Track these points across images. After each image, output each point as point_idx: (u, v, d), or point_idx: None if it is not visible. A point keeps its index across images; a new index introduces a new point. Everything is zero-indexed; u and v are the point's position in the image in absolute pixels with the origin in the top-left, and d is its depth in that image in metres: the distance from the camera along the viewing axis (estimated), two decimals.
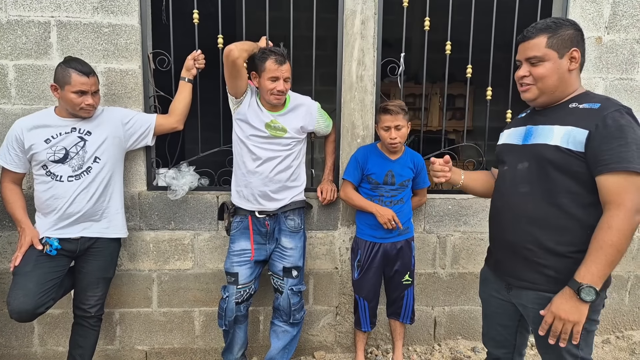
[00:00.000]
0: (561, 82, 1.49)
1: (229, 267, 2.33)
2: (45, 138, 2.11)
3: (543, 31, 1.48)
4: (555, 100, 1.54)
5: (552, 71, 1.48)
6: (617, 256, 1.34)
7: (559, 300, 1.40)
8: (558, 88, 1.50)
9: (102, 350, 2.64)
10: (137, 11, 2.42)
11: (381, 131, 2.33)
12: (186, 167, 2.54)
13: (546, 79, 1.49)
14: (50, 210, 2.14)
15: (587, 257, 1.36)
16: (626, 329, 2.98)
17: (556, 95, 1.52)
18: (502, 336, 1.76)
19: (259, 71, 2.20)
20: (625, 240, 1.33)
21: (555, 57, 1.47)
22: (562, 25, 1.48)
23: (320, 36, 2.71)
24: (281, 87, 2.18)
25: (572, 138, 1.41)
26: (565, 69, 1.48)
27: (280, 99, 2.24)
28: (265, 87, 2.20)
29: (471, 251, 2.78)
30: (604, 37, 2.68)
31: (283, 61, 2.17)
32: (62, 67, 2.07)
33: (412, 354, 2.76)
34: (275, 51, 2.18)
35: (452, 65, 2.71)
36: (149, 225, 2.58)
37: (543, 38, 1.48)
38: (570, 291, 1.37)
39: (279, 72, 2.16)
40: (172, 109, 2.45)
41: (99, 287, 2.28)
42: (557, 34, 1.46)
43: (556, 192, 1.46)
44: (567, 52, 1.47)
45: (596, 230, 1.37)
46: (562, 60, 1.47)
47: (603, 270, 1.34)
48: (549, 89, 1.51)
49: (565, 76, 1.49)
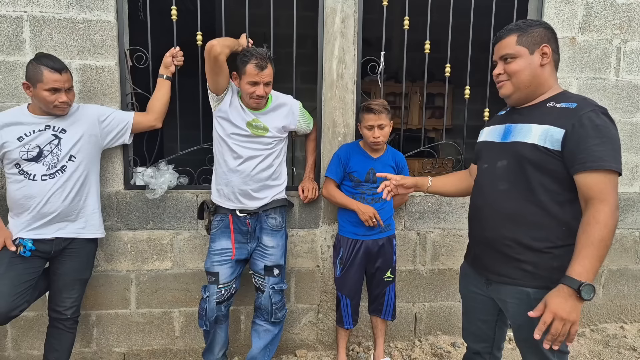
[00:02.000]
0: (534, 77, 1.54)
1: (210, 266, 2.30)
2: (18, 136, 2.05)
3: (513, 31, 1.56)
4: (530, 97, 1.58)
5: (523, 66, 1.54)
6: (606, 251, 1.35)
7: (558, 300, 1.35)
8: (532, 83, 1.55)
9: (79, 353, 2.58)
10: (113, 7, 2.37)
11: (364, 130, 2.33)
12: (165, 166, 2.51)
13: (518, 73, 1.55)
14: (23, 210, 2.08)
15: (579, 253, 1.35)
16: (600, 322, 3.06)
17: (530, 90, 1.56)
18: (482, 330, 1.79)
19: (240, 73, 2.17)
20: (611, 235, 1.35)
21: (526, 53, 1.53)
22: (532, 25, 1.55)
23: (300, 34, 2.70)
24: (260, 92, 2.16)
25: (550, 137, 1.45)
26: (537, 64, 1.53)
27: (259, 103, 2.23)
28: (244, 90, 2.18)
29: (451, 248, 2.81)
30: (578, 38, 2.75)
31: (264, 66, 2.13)
32: (33, 64, 2.01)
33: (393, 351, 2.78)
34: (257, 55, 2.13)
35: (431, 65, 2.74)
36: (126, 225, 2.54)
37: (514, 37, 1.55)
38: (570, 290, 1.34)
39: (259, 77, 2.13)
40: (150, 106, 2.42)
41: (75, 289, 2.23)
42: (527, 32, 1.54)
43: (533, 189, 1.49)
44: (538, 49, 1.53)
45: (583, 226, 1.37)
46: (533, 56, 1.53)
47: (596, 265, 1.34)
48: (522, 84, 1.56)
49: (538, 71, 1.54)
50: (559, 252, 1.48)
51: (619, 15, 2.76)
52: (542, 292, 1.49)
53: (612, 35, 2.78)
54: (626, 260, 3.01)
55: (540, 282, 1.49)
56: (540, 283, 1.49)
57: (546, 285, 1.48)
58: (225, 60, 2.13)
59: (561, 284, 1.36)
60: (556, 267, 1.47)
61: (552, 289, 1.44)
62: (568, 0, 2.71)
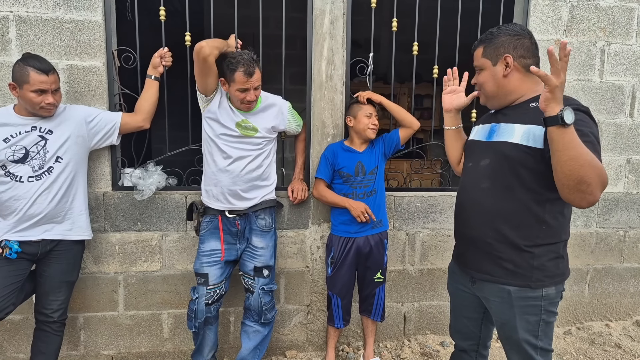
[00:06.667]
0: (498, 88, 1.59)
1: (199, 267, 2.29)
2: (4, 137, 2.03)
3: (482, 42, 1.61)
4: (505, 103, 1.62)
5: (487, 78, 1.60)
6: (578, 162, 1.26)
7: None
8: (497, 93, 1.60)
9: (66, 356, 2.56)
10: (101, 7, 2.36)
11: (364, 118, 2.39)
12: (153, 167, 2.49)
13: (484, 85, 1.62)
14: (9, 212, 2.06)
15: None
16: (586, 320, 3.11)
17: (500, 99, 1.61)
18: (468, 328, 1.81)
19: (228, 80, 2.14)
20: (590, 170, 1.26)
21: (489, 65, 1.59)
22: (497, 34, 1.58)
23: (289, 35, 2.71)
24: (251, 97, 2.16)
25: (532, 135, 1.47)
26: (500, 75, 1.57)
27: (250, 107, 2.23)
28: (235, 96, 2.18)
29: (439, 247, 2.84)
30: (563, 40, 2.78)
31: (252, 72, 2.10)
32: (19, 65, 1.99)
33: (382, 350, 2.80)
34: (244, 61, 2.09)
35: (419, 66, 2.76)
36: (114, 227, 2.52)
37: (480, 49, 1.61)
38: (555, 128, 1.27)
39: (248, 83, 2.12)
40: (138, 107, 2.40)
41: (62, 291, 2.20)
42: (491, 43, 1.58)
43: (514, 188, 1.51)
44: (501, 59, 1.56)
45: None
46: (497, 67, 1.57)
47: (572, 139, 1.26)
48: (489, 94, 1.62)
49: (501, 82, 1.58)
50: (539, 251, 1.50)
51: (602, 18, 2.81)
52: (522, 291, 1.51)
53: (596, 38, 2.83)
54: (611, 259, 3.06)
55: (521, 280, 1.51)
56: (521, 281, 1.51)
57: (526, 283, 1.50)
58: (214, 61, 2.13)
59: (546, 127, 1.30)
60: (536, 266, 1.50)
61: (532, 287, 1.47)
62: (553, 3, 2.75)
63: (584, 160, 1.26)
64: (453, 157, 1.95)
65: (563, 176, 1.29)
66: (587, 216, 3.00)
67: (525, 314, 1.53)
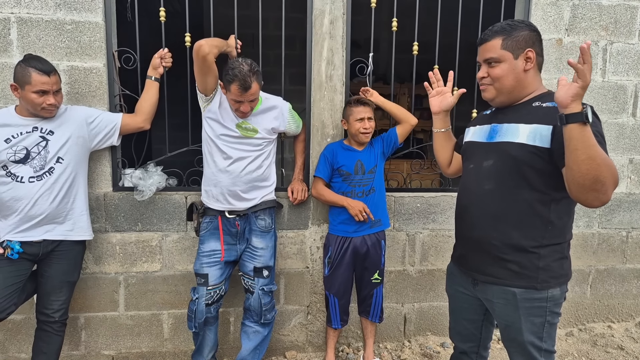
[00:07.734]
0: (517, 82, 1.54)
1: (199, 268, 2.30)
2: (6, 138, 2.04)
3: (498, 33, 1.53)
4: (514, 100, 1.58)
5: (507, 71, 1.53)
6: (595, 161, 1.24)
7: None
8: (515, 88, 1.55)
9: (67, 356, 2.57)
10: (101, 8, 2.37)
11: (355, 123, 2.38)
12: (153, 167, 2.50)
13: (502, 79, 1.54)
14: (10, 213, 2.07)
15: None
16: (588, 322, 3.09)
17: (514, 95, 1.56)
18: (468, 330, 1.80)
19: (225, 88, 2.14)
20: (605, 169, 1.25)
21: (511, 58, 1.52)
22: (517, 27, 1.52)
23: (289, 35, 2.71)
24: (245, 108, 2.15)
25: (539, 135, 1.44)
26: (521, 69, 1.52)
27: (244, 116, 2.22)
28: (230, 104, 2.19)
29: (439, 248, 2.83)
30: (565, 39, 2.78)
31: (248, 87, 2.07)
32: (21, 66, 2.00)
33: (382, 351, 2.79)
34: (241, 75, 2.04)
35: (419, 66, 2.75)
36: (115, 227, 2.53)
37: (498, 40, 1.53)
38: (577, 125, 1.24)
39: (243, 97, 2.10)
40: (139, 108, 2.41)
41: (63, 291, 2.21)
42: (512, 35, 1.51)
43: (519, 188, 1.50)
44: (522, 53, 1.51)
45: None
46: (517, 60, 1.52)
47: (590, 137, 1.24)
48: (506, 89, 1.55)
49: (521, 76, 1.53)
50: (545, 252, 1.48)
51: (604, 17, 2.80)
52: (528, 292, 1.50)
53: (598, 37, 2.81)
54: (613, 260, 3.04)
55: (526, 282, 1.50)
56: (526, 283, 1.50)
57: (532, 285, 1.49)
58: (214, 60, 2.13)
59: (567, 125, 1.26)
60: (542, 267, 1.48)
61: (537, 289, 1.45)
62: (555, 2, 2.74)
63: (600, 160, 1.24)
64: (443, 159, 1.94)
65: (580, 175, 1.27)
66: (589, 217, 2.98)
67: (530, 316, 1.51)
